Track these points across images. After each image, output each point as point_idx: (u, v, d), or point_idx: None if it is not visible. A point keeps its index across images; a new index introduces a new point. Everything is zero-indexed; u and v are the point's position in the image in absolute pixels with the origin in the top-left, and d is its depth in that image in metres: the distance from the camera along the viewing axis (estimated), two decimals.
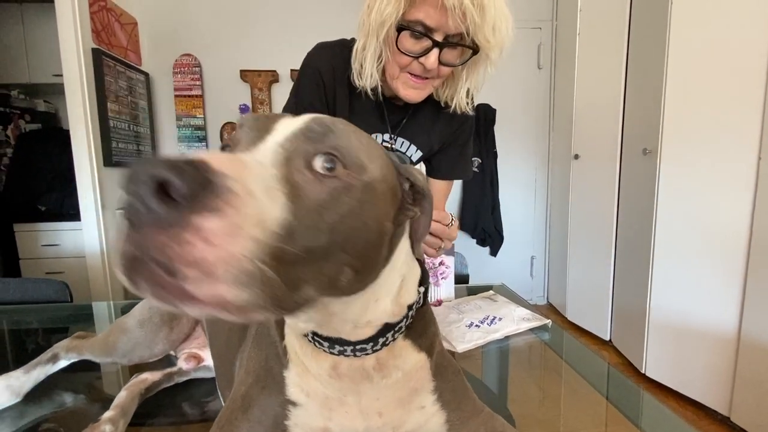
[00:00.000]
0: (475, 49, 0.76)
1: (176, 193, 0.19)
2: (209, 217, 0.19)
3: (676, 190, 1.80)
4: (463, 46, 0.75)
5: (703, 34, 1.68)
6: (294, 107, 0.90)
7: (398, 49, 0.75)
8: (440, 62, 0.76)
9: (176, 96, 2.74)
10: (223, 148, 0.33)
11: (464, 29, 0.72)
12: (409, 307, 0.39)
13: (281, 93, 2.81)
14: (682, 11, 1.72)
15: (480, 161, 2.85)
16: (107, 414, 0.49)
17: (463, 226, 2.99)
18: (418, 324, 0.41)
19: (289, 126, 0.30)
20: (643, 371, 1.97)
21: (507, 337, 0.80)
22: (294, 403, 0.38)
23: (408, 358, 0.40)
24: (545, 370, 0.73)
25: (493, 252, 3.03)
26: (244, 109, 2.70)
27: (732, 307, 1.65)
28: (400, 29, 0.74)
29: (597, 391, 0.63)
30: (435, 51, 0.74)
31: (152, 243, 0.19)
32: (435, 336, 0.43)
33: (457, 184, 2.95)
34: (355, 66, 0.83)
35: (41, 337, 0.88)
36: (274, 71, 2.75)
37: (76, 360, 0.65)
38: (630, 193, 2.16)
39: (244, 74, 2.74)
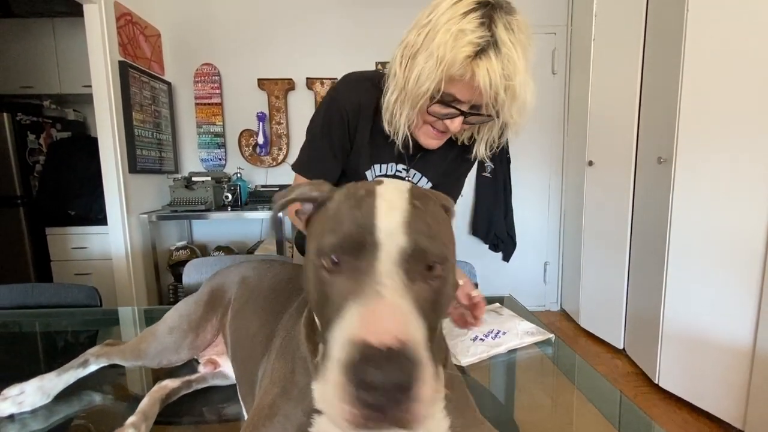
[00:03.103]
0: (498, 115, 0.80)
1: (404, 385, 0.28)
2: (419, 389, 0.28)
3: (691, 199, 1.78)
4: (488, 116, 0.80)
5: (720, 41, 1.66)
6: (320, 137, 0.92)
7: (427, 111, 0.81)
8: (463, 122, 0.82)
9: (197, 104, 2.84)
10: (331, 260, 0.36)
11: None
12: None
13: (297, 100, 2.88)
14: (698, 17, 1.70)
15: (493, 167, 2.85)
16: (131, 419, 0.55)
17: (475, 232, 2.99)
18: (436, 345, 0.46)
19: (395, 238, 0.34)
20: (656, 381, 1.95)
21: (511, 351, 0.82)
22: (320, 412, 0.40)
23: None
24: (550, 388, 0.74)
25: (506, 258, 3.02)
26: (261, 116, 2.78)
27: (747, 318, 1.63)
28: (432, 98, 0.77)
29: (603, 415, 0.62)
30: (460, 117, 0.80)
31: (388, 417, 0.28)
32: (447, 350, 0.49)
33: (469, 190, 2.96)
34: (385, 116, 0.86)
35: (71, 340, 0.95)
36: (290, 80, 2.82)
37: (105, 365, 0.71)
38: (645, 201, 2.14)
39: (262, 83, 2.82)
